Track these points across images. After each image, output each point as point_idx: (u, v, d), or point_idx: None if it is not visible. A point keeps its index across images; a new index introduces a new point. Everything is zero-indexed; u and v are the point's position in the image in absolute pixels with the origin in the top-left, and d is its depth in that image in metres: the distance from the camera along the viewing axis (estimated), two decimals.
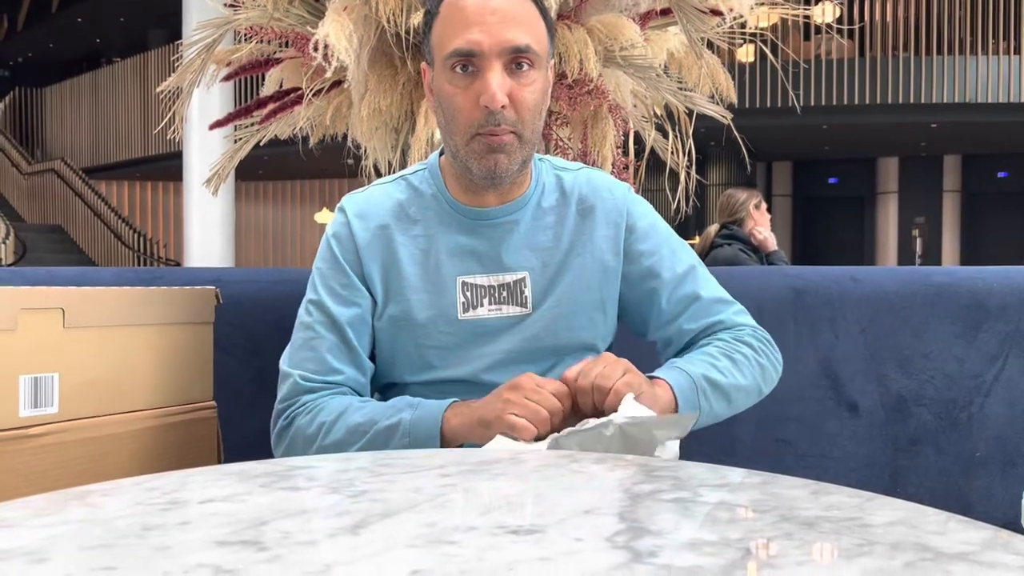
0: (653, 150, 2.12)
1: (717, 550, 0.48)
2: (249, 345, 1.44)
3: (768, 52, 2.21)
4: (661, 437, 0.89)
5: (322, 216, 13.39)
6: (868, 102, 9.86)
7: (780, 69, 2.98)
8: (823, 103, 9.88)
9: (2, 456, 0.96)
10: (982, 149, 12.87)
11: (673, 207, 2.03)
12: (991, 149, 12.77)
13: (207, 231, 8.96)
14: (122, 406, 1.10)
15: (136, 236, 12.74)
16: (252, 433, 1.17)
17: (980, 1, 10.01)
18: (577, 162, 1.25)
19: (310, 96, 1.88)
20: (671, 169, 2.12)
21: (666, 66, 2.08)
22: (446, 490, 0.63)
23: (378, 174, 2.00)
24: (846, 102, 9.88)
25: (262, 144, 2.10)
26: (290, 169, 14.04)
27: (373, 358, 1.12)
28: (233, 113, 2.09)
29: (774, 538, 0.52)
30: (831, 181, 14.40)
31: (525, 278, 1.09)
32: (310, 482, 0.68)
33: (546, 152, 1.88)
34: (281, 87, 2.02)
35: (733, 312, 1.15)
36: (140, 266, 11.84)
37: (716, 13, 1.87)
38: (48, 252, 12.49)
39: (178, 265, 12.20)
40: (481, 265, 1.09)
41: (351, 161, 2.13)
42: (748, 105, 9.44)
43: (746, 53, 9.22)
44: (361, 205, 1.13)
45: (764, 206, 3.71)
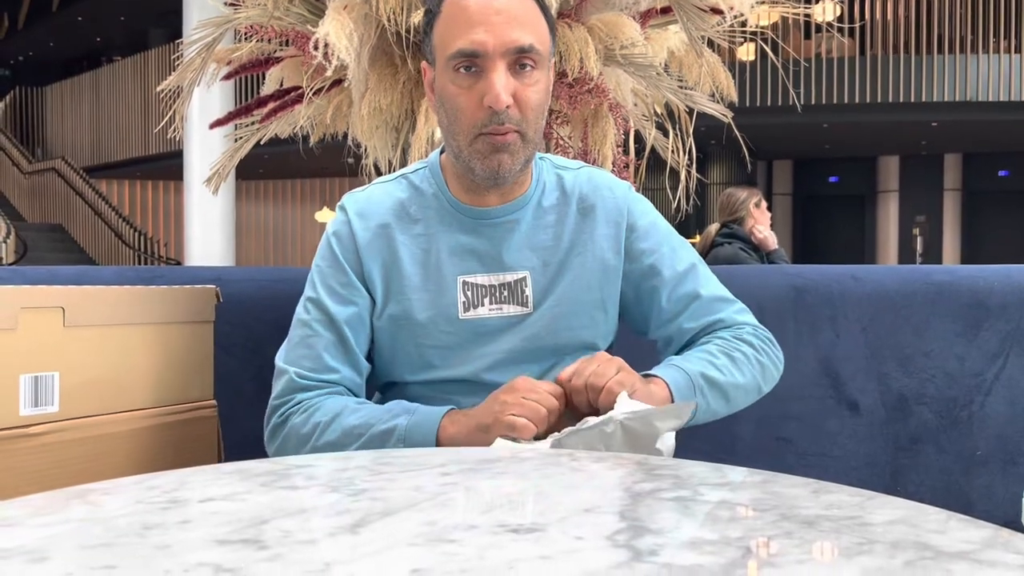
0: (653, 149, 2.12)
1: (717, 549, 0.48)
2: (249, 344, 1.44)
3: (768, 51, 2.21)
4: (662, 428, 0.89)
5: (322, 215, 13.38)
6: (869, 101, 9.85)
7: (780, 68, 2.98)
8: (824, 102, 9.87)
9: (2, 455, 0.96)
10: (983, 148, 12.86)
11: (673, 206, 2.03)
12: (992, 148, 12.76)
13: (207, 230, 8.97)
14: (122, 405, 1.10)
15: (136, 235, 12.75)
16: (252, 432, 1.17)
17: None
18: (578, 161, 1.24)
19: (310, 95, 1.87)
20: (671, 168, 2.12)
21: (666, 65, 2.08)
22: (446, 488, 0.63)
23: (378, 173, 2.00)
24: (847, 101, 9.87)
25: (262, 143, 2.10)
26: (290, 168, 14.04)
27: (370, 358, 1.12)
28: (233, 112, 2.09)
29: (774, 537, 0.52)
30: (832, 180, 14.38)
31: (526, 277, 1.09)
32: (310, 481, 0.68)
33: (547, 151, 1.88)
34: (281, 86, 2.02)
35: (734, 311, 1.14)
36: (140, 265, 11.84)
37: (716, 11, 1.87)
38: (49, 251, 12.50)
39: (178, 264, 12.19)
40: (482, 264, 1.09)
41: (351, 160, 2.13)
42: (748, 104, 9.43)
43: (746, 52, 9.20)
44: (362, 204, 1.13)
45: (764, 205, 3.71)
